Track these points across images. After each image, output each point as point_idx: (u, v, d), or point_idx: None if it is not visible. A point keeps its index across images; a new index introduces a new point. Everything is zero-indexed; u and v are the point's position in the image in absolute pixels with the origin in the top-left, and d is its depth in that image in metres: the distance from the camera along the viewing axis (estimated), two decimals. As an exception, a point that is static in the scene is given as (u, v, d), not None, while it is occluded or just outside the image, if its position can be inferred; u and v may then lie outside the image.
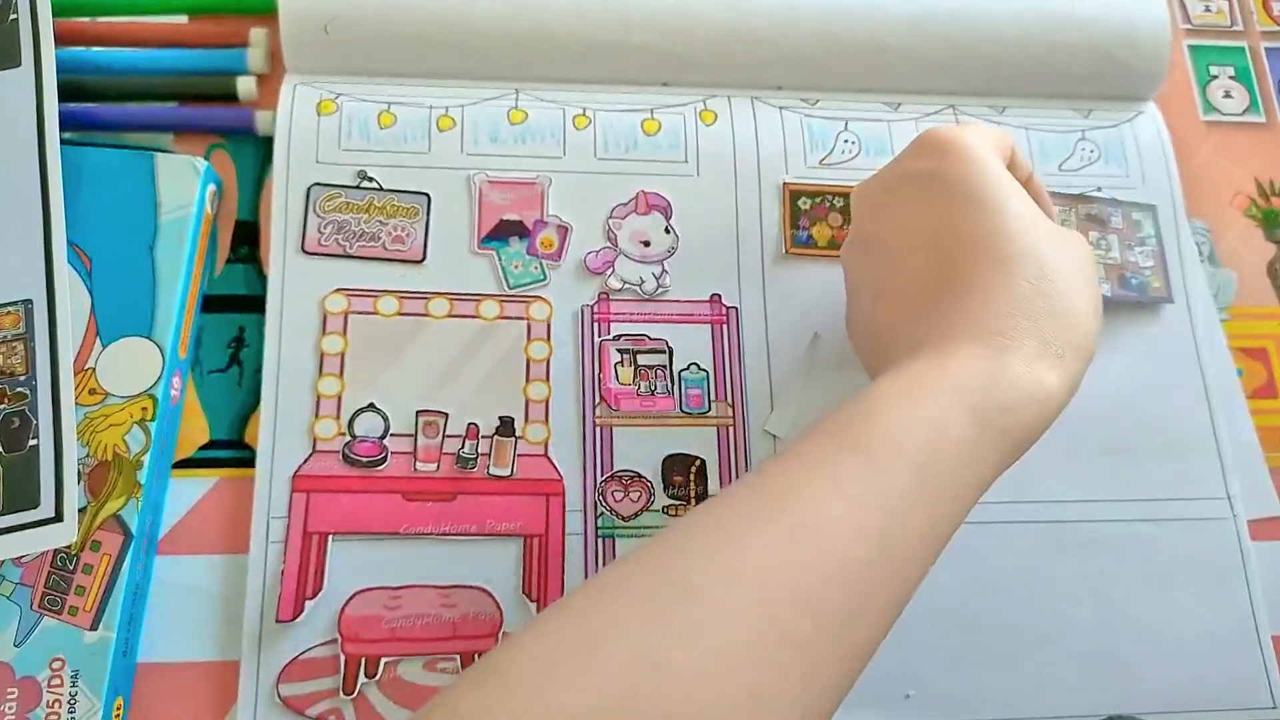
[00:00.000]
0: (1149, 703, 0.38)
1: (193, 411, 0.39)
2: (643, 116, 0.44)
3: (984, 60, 0.45)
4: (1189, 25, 0.50)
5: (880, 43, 0.44)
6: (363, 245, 0.41)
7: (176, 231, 0.39)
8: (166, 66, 0.43)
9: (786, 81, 0.45)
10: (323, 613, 0.36)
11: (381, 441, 0.38)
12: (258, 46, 0.44)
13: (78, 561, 0.34)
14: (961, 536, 0.39)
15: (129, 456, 0.36)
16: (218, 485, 0.38)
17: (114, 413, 0.36)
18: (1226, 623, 0.39)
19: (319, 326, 0.39)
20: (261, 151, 0.43)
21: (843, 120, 0.45)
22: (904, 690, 0.37)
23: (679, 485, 0.39)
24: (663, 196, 0.43)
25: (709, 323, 0.41)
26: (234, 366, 0.40)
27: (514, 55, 0.43)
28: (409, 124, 0.43)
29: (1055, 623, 0.38)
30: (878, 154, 0.44)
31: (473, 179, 0.42)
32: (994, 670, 0.38)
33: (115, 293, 0.38)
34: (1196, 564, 0.40)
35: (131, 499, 0.35)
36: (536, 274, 0.41)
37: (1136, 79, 0.46)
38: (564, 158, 0.43)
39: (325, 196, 0.41)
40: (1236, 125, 0.48)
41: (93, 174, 0.39)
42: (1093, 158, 0.45)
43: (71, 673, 0.33)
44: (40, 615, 0.34)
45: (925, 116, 0.45)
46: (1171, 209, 0.45)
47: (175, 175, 0.39)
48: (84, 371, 0.37)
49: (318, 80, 0.43)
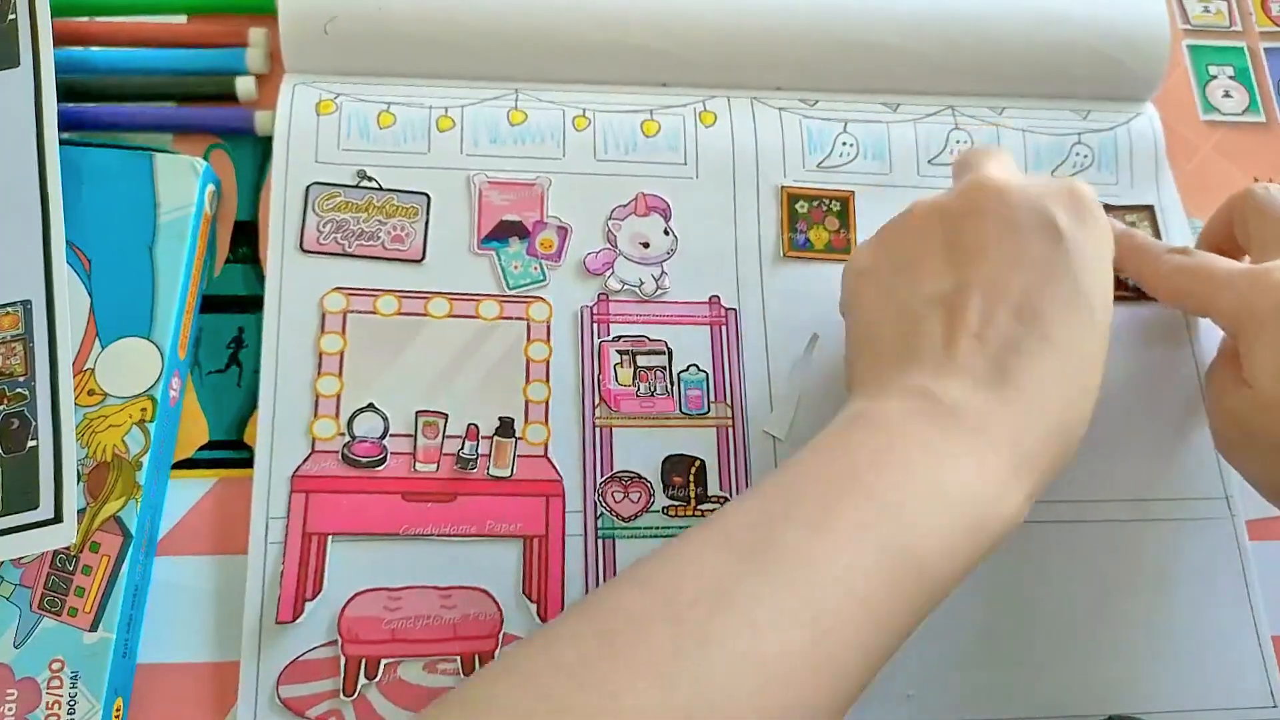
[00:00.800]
0: (1149, 703, 0.38)
1: (192, 412, 0.39)
2: (642, 117, 0.44)
3: (983, 61, 0.45)
4: (1188, 25, 0.50)
5: (880, 43, 0.44)
6: (362, 244, 0.41)
7: (176, 232, 0.38)
8: (165, 66, 0.43)
9: (786, 82, 0.45)
10: (322, 614, 0.36)
11: (381, 442, 0.38)
12: (257, 46, 0.44)
13: (77, 562, 0.34)
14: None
15: (128, 457, 0.36)
16: (217, 486, 0.38)
17: (113, 414, 0.36)
18: (1226, 623, 0.39)
19: (318, 326, 0.39)
20: (260, 151, 0.43)
21: (841, 122, 0.45)
22: (905, 690, 0.37)
23: (679, 486, 0.39)
24: (662, 198, 0.43)
25: (708, 324, 0.41)
26: (233, 367, 0.40)
27: (514, 56, 0.43)
28: (408, 124, 0.43)
29: (1055, 622, 0.38)
30: (875, 157, 0.44)
31: (472, 179, 0.42)
32: (994, 670, 0.38)
33: (114, 293, 0.37)
34: (1196, 564, 0.40)
35: (131, 500, 0.35)
36: (536, 275, 0.41)
37: (1136, 79, 0.46)
38: (564, 158, 0.43)
39: (324, 196, 0.41)
40: (1236, 125, 0.48)
41: (91, 174, 0.39)
42: (1085, 164, 0.45)
43: (71, 674, 0.33)
44: (40, 616, 0.34)
45: (925, 117, 0.45)
46: (1161, 211, 0.45)
47: (174, 175, 0.39)
48: (83, 372, 0.36)
49: (317, 80, 0.43)
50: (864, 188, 0.44)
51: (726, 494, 0.39)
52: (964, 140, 0.45)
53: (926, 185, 0.44)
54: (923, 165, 0.44)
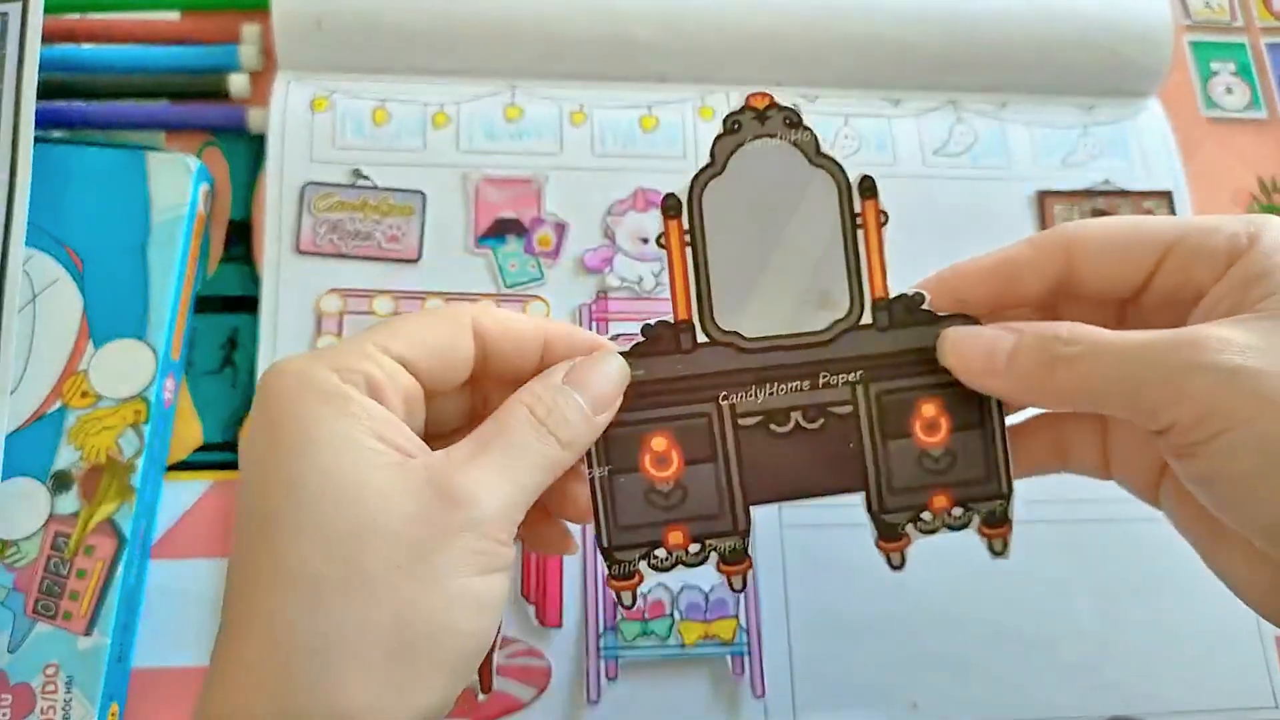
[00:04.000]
0: (1150, 703, 0.38)
1: (186, 414, 0.38)
2: (640, 113, 0.44)
3: (985, 56, 0.44)
4: (1190, 21, 0.50)
5: (880, 38, 0.44)
6: (357, 244, 0.40)
7: (169, 231, 0.38)
8: (158, 63, 0.43)
9: (786, 77, 0.44)
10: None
11: (378, 443, 0.38)
12: (250, 43, 0.43)
13: (71, 567, 0.34)
14: (961, 539, 0.39)
15: (122, 460, 0.35)
16: (212, 488, 0.38)
17: (106, 416, 0.36)
18: (1228, 623, 0.39)
19: (314, 327, 0.39)
20: (254, 149, 0.42)
21: (843, 116, 0.44)
22: (908, 697, 0.37)
23: (678, 486, 0.38)
24: (661, 193, 0.42)
25: (708, 322, 0.41)
26: (227, 368, 0.39)
27: (510, 51, 0.43)
28: (404, 121, 0.42)
29: (1056, 624, 0.38)
30: (878, 149, 0.44)
31: (468, 176, 0.42)
32: (996, 672, 0.37)
33: (107, 294, 0.37)
34: (1197, 563, 0.40)
35: (125, 503, 0.35)
36: (533, 272, 0.41)
37: (1138, 74, 0.46)
38: (561, 154, 0.43)
39: (319, 195, 0.41)
40: (1238, 121, 0.48)
41: (84, 173, 0.38)
42: (1096, 152, 0.45)
43: (65, 679, 0.33)
44: (34, 621, 0.34)
45: (926, 112, 0.45)
46: (1182, 199, 0.45)
47: (167, 174, 0.39)
48: (76, 374, 0.36)
49: (311, 77, 0.42)
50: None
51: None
52: (968, 134, 0.44)
53: (933, 175, 0.44)
54: (928, 156, 0.44)
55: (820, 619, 0.37)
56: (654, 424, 0.28)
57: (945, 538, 0.38)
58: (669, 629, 0.37)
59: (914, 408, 0.29)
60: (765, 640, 0.37)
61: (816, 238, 0.29)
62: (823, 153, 0.29)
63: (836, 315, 0.29)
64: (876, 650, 0.37)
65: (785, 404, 0.28)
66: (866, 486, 0.29)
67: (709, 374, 0.28)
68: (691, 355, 0.28)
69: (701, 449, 0.28)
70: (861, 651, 0.37)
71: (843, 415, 0.29)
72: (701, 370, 0.28)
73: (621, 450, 0.28)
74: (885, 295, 0.29)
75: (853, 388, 0.29)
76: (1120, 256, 0.28)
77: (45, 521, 0.35)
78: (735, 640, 0.37)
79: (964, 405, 0.29)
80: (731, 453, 0.28)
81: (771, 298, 0.29)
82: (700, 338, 0.28)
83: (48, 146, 0.38)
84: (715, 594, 0.37)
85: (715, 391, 0.28)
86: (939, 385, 0.29)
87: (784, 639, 0.37)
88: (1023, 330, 0.27)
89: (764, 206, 0.29)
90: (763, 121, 0.29)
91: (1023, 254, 0.29)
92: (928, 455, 0.29)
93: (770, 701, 0.36)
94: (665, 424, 0.28)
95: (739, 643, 0.37)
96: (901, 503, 0.29)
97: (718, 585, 0.37)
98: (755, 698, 0.36)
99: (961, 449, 0.29)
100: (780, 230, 0.29)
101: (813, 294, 0.29)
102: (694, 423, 0.28)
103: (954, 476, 0.29)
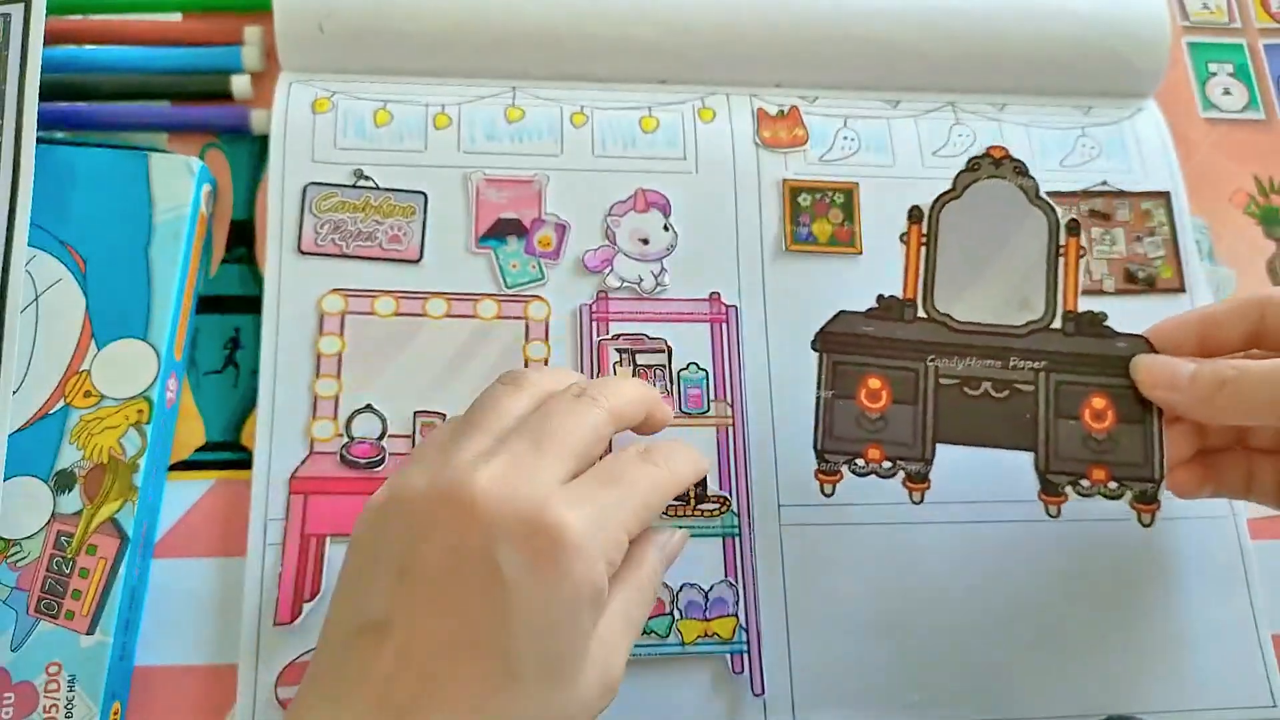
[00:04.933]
0: (1149, 703, 0.38)
1: (188, 413, 0.39)
2: (641, 114, 0.44)
3: (983, 57, 0.45)
4: (1187, 22, 0.50)
5: (880, 39, 0.44)
6: (359, 245, 0.40)
7: (171, 232, 0.38)
8: (160, 65, 0.43)
9: (785, 79, 0.45)
10: (321, 615, 0.35)
11: (379, 443, 0.38)
12: (252, 44, 0.43)
13: (74, 565, 0.34)
14: (961, 539, 0.39)
15: (124, 460, 0.35)
16: (214, 487, 0.38)
17: (109, 415, 0.36)
18: (1226, 622, 0.39)
19: (316, 327, 0.39)
20: (256, 150, 0.42)
21: (842, 118, 0.45)
22: (908, 696, 0.37)
23: (678, 486, 0.39)
24: (661, 194, 0.42)
25: (708, 321, 0.41)
26: (230, 368, 0.39)
27: (511, 52, 0.43)
28: (405, 122, 0.42)
29: (1055, 623, 0.38)
30: (877, 150, 0.44)
31: (470, 177, 0.42)
32: (995, 672, 0.38)
33: (110, 294, 0.37)
34: (1197, 563, 0.40)
35: (127, 502, 0.35)
36: (534, 273, 0.41)
37: (1136, 75, 0.46)
38: (562, 155, 0.43)
39: (321, 196, 0.41)
40: (1236, 122, 0.48)
41: (86, 174, 0.39)
42: (1094, 153, 0.45)
43: (68, 677, 0.33)
44: (36, 620, 0.34)
45: (925, 114, 0.45)
46: (1180, 200, 0.45)
47: (170, 175, 0.39)
48: (79, 374, 0.36)
49: (313, 78, 0.43)
50: (868, 180, 0.44)
51: (726, 494, 0.39)
52: (966, 135, 0.45)
53: (932, 176, 0.44)
54: (927, 157, 0.44)
55: (820, 618, 0.38)
56: (874, 368, 0.35)
57: (945, 537, 0.39)
58: (668, 627, 0.37)
59: (1085, 398, 0.35)
60: (765, 639, 0.37)
61: (1026, 258, 0.36)
62: (1040, 196, 0.36)
63: (1032, 316, 0.36)
64: (876, 649, 0.37)
65: (980, 374, 0.35)
66: (1036, 448, 0.35)
67: (923, 340, 0.36)
68: (910, 325, 0.36)
69: (907, 393, 0.35)
70: (861, 651, 0.37)
71: (1025, 392, 0.35)
72: (917, 337, 0.36)
73: (845, 381, 0.35)
74: (1075, 309, 0.36)
75: (1036, 373, 0.35)
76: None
77: (48, 521, 0.35)
78: (735, 638, 0.37)
79: (1131, 405, 0.35)
80: (930, 401, 0.35)
81: (982, 295, 0.36)
82: (920, 314, 0.36)
83: (50, 147, 0.38)
84: (715, 593, 0.37)
85: (925, 354, 0.35)
86: (1108, 386, 0.35)
87: (783, 638, 0.37)
88: (1201, 360, 0.34)
89: (987, 228, 0.36)
90: (997, 166, 0.36)
91: (1221, 311, 0.35)
92: (1092, 438, 0.35)
93: (770, 700, 0.37)
94: (882, 370, 0.35)
95: (738, 641, 0.37)
96: (1065, 468, 0.35)
97: (717, 584, 0.37)
98: (754, 696, 0.37)
99: (1124, 437, 0.35)
100: (998, 248, 0.36)
101: (1016, 298, 0.36)
102: (904, 374, 0.35)
103: (1114, 458, 0.35)
